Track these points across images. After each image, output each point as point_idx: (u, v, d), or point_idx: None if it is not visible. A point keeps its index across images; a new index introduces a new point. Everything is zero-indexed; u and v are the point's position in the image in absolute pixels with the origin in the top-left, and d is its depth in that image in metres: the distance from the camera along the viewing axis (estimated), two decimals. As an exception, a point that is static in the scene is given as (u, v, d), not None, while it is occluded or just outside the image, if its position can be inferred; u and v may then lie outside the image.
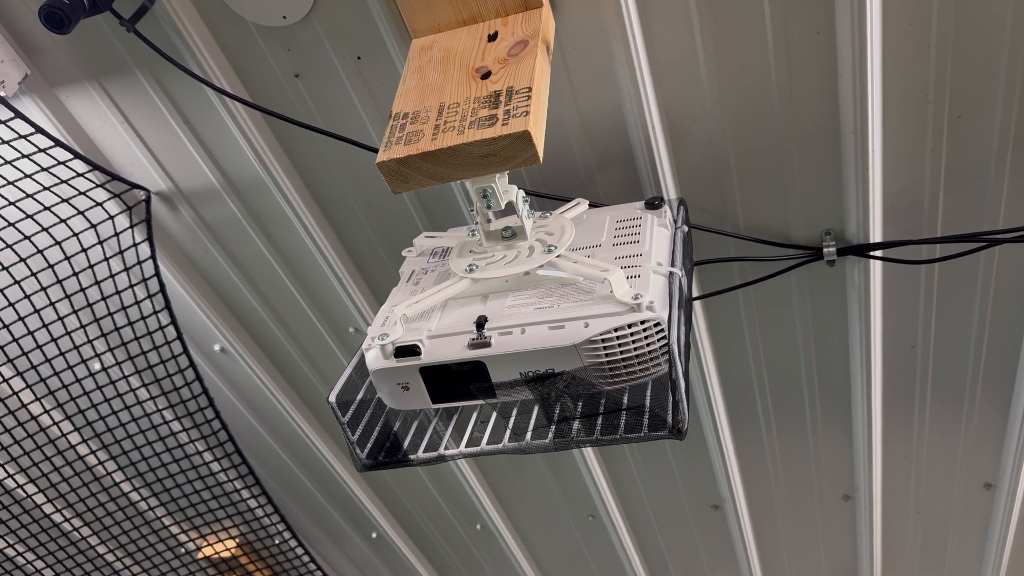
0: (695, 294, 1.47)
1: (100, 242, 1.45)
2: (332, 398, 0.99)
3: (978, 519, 1.91)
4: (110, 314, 1.54)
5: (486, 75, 0.98)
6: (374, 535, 2.26)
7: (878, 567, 2.08)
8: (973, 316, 1.46)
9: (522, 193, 1.03)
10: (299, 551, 2.21)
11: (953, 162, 1.24)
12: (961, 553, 2.01)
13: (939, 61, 1.14)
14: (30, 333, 1.56)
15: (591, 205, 1.18)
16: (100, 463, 1.89)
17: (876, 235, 1.34)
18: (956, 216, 1.31)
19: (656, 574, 2.28)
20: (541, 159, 0.90)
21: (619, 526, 2.09)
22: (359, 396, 1.04)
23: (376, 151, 0.97)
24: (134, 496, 2.07)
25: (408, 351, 0.97)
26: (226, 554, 2.20)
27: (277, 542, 2.19)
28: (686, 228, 1.13)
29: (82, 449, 1.89)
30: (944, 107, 1.19)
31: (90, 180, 1.43)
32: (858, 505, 1.93)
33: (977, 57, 1.13)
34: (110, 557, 2.15)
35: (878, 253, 1.35)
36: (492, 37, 1.04)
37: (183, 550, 2.21)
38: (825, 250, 1.35)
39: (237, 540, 2.22)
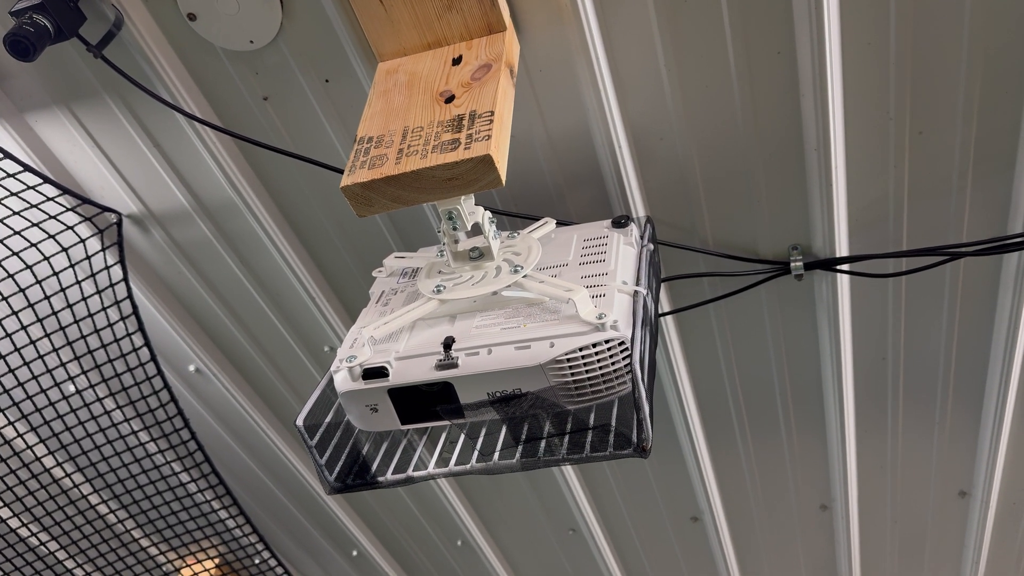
0: (666, 309, 1.48)
1: (72, 265, 1.45)
2: (299, 421, 1.00)
3: (954, 527, 1.92)
4: (83, 337, 1.53)
5: (450, 99, 0.99)
6: (354, 553, 2.25)
7: (857, 576, 2.09)
8: (941, 327, 1.47)
9: (488, 214, 1.04)
10: (279, 571, 2.20)
11: (916, 177, 1.26)
12: (939, 561, 2.02)
13: (899, 79, 1.16)
14: (2, 358, 1.55)
15: (561, 223, 1.19)
16: (76, 486, 1.87)
17: (842, 249, 1.35)
18: (921, 230, 1.32)
19: (637, 587, 2.29)
20: (504, 182, 0.91)
21: (599, 540, 2.09)
22: (328, 419, 1.04)
23: (345, 173, 0.97)
24: (111, 519, 2.06)
25: (376, 373, 0.97)
26: (205, 575, 2.19)
27: (257, 562, 2.18)
28: (652, 246, 1.14)
29: (57, 472, 1.87)
30: (905, 124, 1.21)
31: (61, 204, 1.43)
32: (835, 515, 1.94)
33: (936, 74, 1.15)
34: (88, 580, 2.13)
35: (845, 267, 1.37)
36: (456, 61, 1.05)
37: (162, 572, 2.19)
38: (792, 265, 1.36)
39: (216, 560, 2.21)
